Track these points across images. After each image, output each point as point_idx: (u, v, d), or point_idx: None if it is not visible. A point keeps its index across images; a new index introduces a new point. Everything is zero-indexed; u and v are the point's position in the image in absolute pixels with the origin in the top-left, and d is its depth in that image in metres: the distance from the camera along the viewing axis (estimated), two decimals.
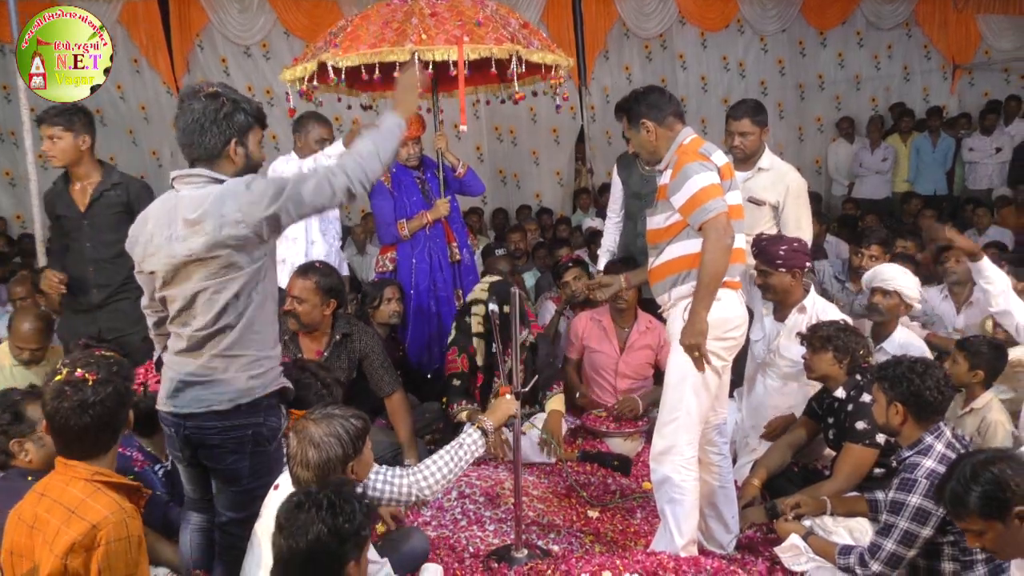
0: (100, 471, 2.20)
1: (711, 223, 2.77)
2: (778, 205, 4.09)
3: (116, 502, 2.14)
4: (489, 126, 8.60)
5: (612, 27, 8.56)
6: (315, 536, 1.90)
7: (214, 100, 2.40)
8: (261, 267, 2.42)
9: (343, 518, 1.93)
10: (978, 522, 2.14)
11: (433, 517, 3.53)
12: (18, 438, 2.56)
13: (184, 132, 2.42)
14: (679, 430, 2.93)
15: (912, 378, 2.69)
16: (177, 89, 7.70)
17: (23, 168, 5.84)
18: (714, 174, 2.83)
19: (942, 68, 9.34)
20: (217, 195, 2.34)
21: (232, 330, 2.39)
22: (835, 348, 3.32)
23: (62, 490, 2.16)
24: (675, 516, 2.96)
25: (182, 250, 2.34)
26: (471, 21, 4.04)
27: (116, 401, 2.21)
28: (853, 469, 3.25)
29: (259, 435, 2.46)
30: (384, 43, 3.86)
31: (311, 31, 7.70)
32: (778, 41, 9.00)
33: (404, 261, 4.71)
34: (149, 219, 2.47)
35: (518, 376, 3.12)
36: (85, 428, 2.16)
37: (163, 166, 7.83)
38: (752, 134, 4.07)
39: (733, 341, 2.96)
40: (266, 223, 2.34)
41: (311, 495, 1.98)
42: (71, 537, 2.05)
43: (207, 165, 2.42)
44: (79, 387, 2.16)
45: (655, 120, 2.96)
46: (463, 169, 4.73)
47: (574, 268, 4.97)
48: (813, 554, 2.89)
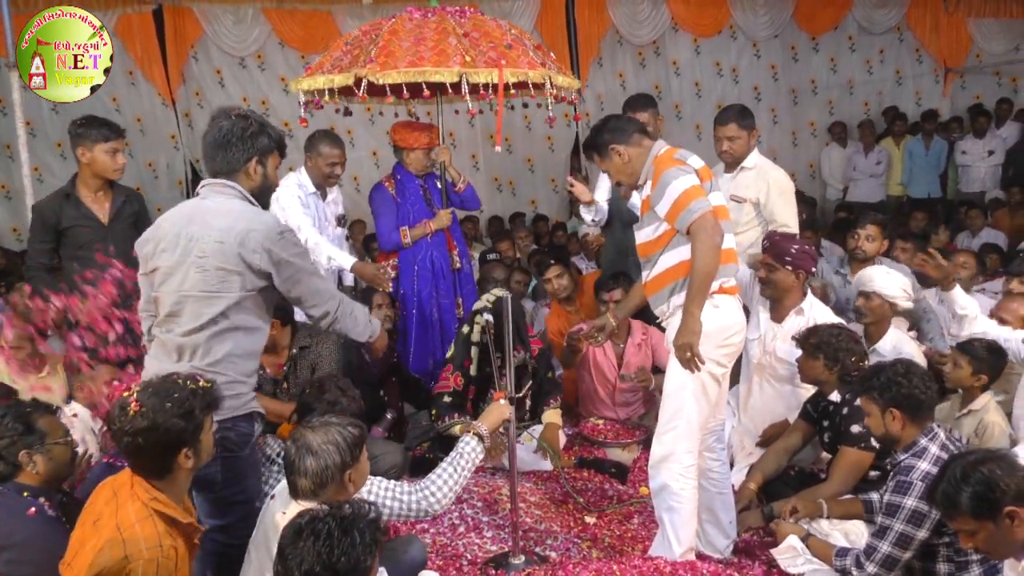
0: (158, 498, 2.17)
1: (698, 223, 2.78)
2: (758, 202, 4.13)
3: (158, 536, 2.10)
4: (484, 134, 8.63)
5: (605, 34, 8.59)
6: (308, 569, 1.85)
7: (243, 120, 2.59)
8: (251, 299, 2.52)
9: (339, 551, 1.86)
10: (970, 522, 2.16)
11: (431, 524, 3.54)
12: (27, 450, 2.55)
13: (210, 146, 2.58)
14: (678, 438, 2.94)
15: (900, 381, 2.69)
16: (172, 101, 7.72)
17: (19, 182, 5.87)
18: (693, 176, 2.85)
19: (934, 72, 9.38)
20: (253, 215, 2.52)
21: (213, 347, 2.48)
22: (825, 356, 3.34)
23: (124, 503, 2.16)
24: (673, 524, 2.97)
25: (194, 247, 2.46)
26: (501, 44, 4.04)
27: (158, 429, 2.15)
28: (849, 472, 3.25)
29: (227, 440, 2.48)
30: (425, 62, 3.85)
31: (306, 42, 7.74)
32: (771, 47, 9.03)
33: (406, 268, 4.72)
34: (167, 220, 2.60)
35: (511, 381, 3.14)
36: (135, 449, 2.16)
37: (158, 177, 7.86)
38: (739, 138, 4.13)
39: (733, 348, 2.97)
40: (263, 276, 2.50)
41: (312, 522, 1.91)
42: (104, 560, 2.04)
43: (226, 178, 2.57)
44: (124, 409, 2.17)
45: (622, 142, 3.01)
46: (463, 184, 4.76)
47: (556, 266, 4.98)
48: (810, 556, 2.89)
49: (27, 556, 2.34)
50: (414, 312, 4.71)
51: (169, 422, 2.15)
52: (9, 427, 2.54)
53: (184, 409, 2.18)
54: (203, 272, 2.45)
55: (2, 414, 2.59)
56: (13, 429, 2.55)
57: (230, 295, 2.47)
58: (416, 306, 4.70)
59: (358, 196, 8.34)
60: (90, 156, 3.81)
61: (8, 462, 2.54)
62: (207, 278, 2.45)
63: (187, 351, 2.48)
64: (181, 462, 2.21)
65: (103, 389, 3.52)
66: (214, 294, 2.46)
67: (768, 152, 8.04)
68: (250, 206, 2.57)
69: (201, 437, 2.24)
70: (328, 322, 2.69)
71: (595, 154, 3.12)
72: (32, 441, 2.56)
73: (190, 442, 2.21)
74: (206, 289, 2.46)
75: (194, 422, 2.20)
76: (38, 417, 2.63)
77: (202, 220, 2.49)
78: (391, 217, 4.66)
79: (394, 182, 4.70)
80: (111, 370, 3.55)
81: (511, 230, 7.97)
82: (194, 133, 7.90)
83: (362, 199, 8.29)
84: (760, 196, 4.14)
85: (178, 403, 2.18)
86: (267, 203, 2.70)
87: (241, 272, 2.46)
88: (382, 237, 4.72)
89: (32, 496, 2.52)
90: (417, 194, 4.71)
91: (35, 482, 2.57)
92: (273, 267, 2.48)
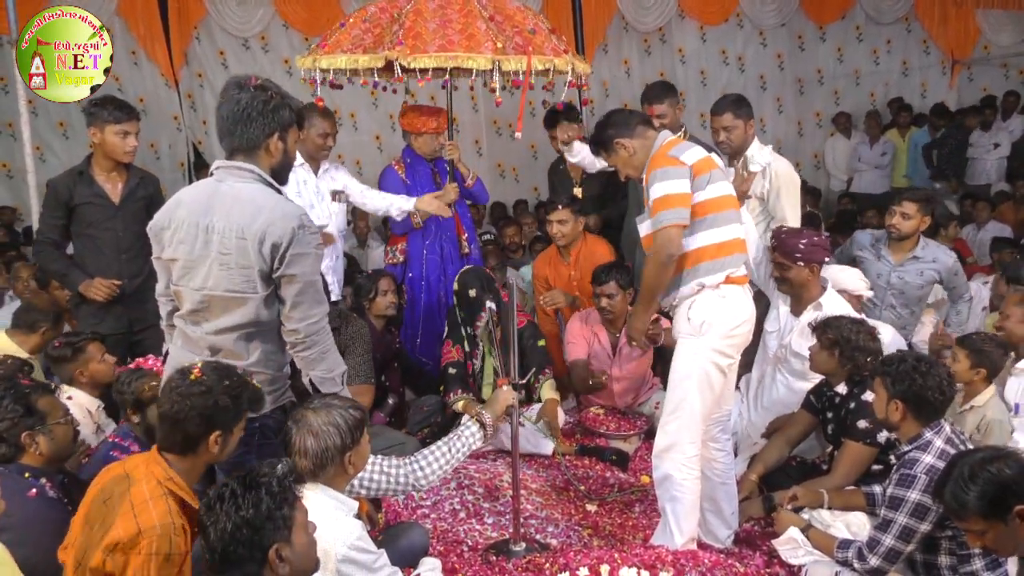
0: (173, 479, 2.20)
1: (659, 234, 2.80)
2: (764, 196, 4.09)
3: (170, 514, 2.11)
4: (488, 120, 8.59)
5: (611, 21, 8.52)
6: (224, 531, 1.87)
7: (263, 92, 2.39)
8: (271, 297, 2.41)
9: (247, 505, 1.88)
10: (980, 523, 2.14)
11: (432, 509, 3.54)
12: (29, 431, 2.54)
13: (227, 120, 2.38)
14: (682, 428, 2.93)
15: (915, 377, 2.68)
16: (176, 82, 7.68)
17: (21, 160, 5.84)
18: (680, 181, 2.81)
19: (941, 63, 9.33)
20: (273, 205, 2.34)
21: (249, 348, 2.42)
22: (841, 352, 3.30)
23: (139, 480, 2.17)
24: (675, 514, 2.97)
25: (215, 241, 2.34)
26: (524, 28, 4.00)
27: (210, 399, 2.19)
28: (852, 466, 3.24)
29: (266, 427, 2.46)
30: (455, 47, 3.79)
31: (310, 23, 7.68)
32: (777, 35, 8.97)
33: (415, 252, 4.71)
34: (183, 204, 2.44)
35: (515, 367, 3.13)
36: (177, 415, 2.19)
37: (160, 158, 7.81)
38: (735, 128, 4.07)
39: (740, 338, 2.96)
40: (266, 277, 2.36)
41: (219, 489, 1.94)
42: (117, 535, 2.04)
43: (245, 156, 2.41)
44: (185, 373, 2.22)
45: (626, 136, 3.01)
46: (472, 180, 4.76)
47: (564, 210, 4.72)
48: (811, 547, 2.89)
49: (26, 538, 2.33)
50: (422, 296, 4.72)
51: (221, 397, 2.20)
52: (9, 409, 2.53)
53: (236, 392, 2.24)
54: (227, 270, 2.34)
55: (0, 396, 2.57)
56: (13, 411, 2.53)
57: (256, 294, 2.36)
58: (424, 291, 4.71)
59: (361, 180, 8.29)
60: (101, 137, 3.79)
61: (10, 444, 2.52)
62: (231, 276, 2.34)
63: (222, 352, 2.41)
64: (210, 445, 2.24)
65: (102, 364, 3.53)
66: (239, 294, 2.36)
67: (773, 142, 8.03)
68: (269, 192, 2.40)
69: (234, 429, 2.28)
70: (300, 341, 2.40)
71: (601, 151, 3.13)
72: (33, 422, 2.55)
73: (227, 426, 2.25)
74: (231, 288, 2.35)
75: (239, 407, 2.26)
76: (37, 398, 2.61)
77: (222, 210, 2.34)
78: None
79: (404, 165, 4.71)
80: (97, 345, 3.56)
81: (516, 216, 7.94)
82: (196, 115, 7.87)
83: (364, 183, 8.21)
84: (764, 191, 4.09)
85: (235, 385, 2.24)
86: (285, 179, 2.53)
87: (262, 269, 2.35)
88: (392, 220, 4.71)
89: (34, 477, 2.52)
90: (427, 176, 4.71)
91: (38, 463, 2.56)
92: (279, 261, 2.32)
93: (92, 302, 3.88)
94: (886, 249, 4.42)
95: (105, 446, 3.04)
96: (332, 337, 2.49)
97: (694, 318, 2.90)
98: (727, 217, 2.92)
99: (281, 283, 2.37)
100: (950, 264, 4.38)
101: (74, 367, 3.51)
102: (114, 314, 3.92)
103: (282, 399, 2.53)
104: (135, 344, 3.91)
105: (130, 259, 3.89)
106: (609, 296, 4.29)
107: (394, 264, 4.79)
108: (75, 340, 3.55)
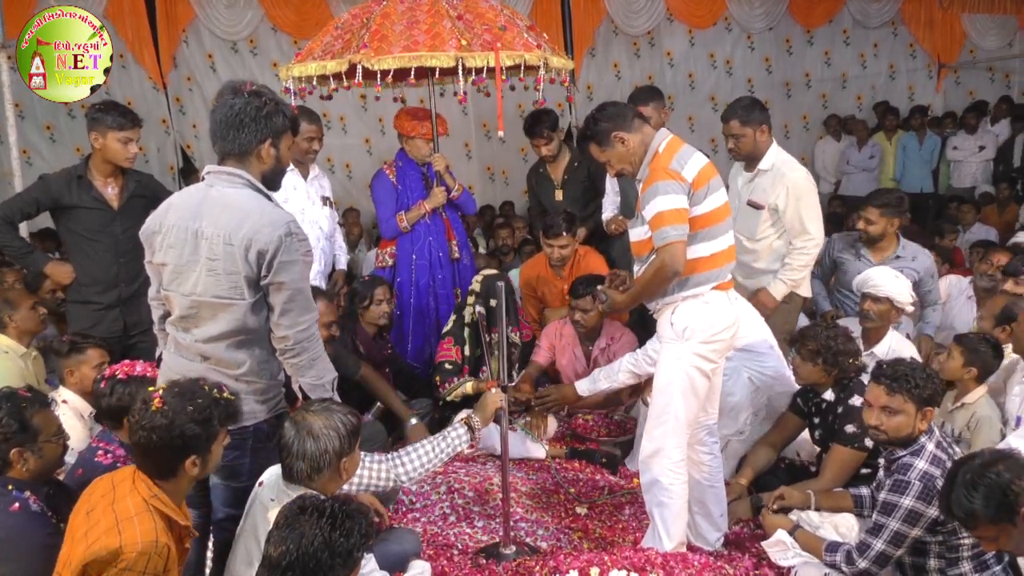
0: (159, 496, 2.16)
1: (664, 250, 2.76)
2: (778, 207, 4.01)
3: (155, 532, 2.07)
4: (477, 123, 8.59)
5: (600, 24, 8.53)
6: (308, 543, 1.87)
7: (257, 98, 2.40)
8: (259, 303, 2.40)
9: (340, 532, 1.89)
10: (991, 529, 2.15)
11: (422, 513, 3.54)
12: (19, 448, 2.49)
13: (220, 125, 2.39)
14: (667, 434, 2.94)
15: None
16: (164, 86, 7.65)
17: (7, 164, 5.81)
18: (678, 197, 2.77)
19: (928, 67, 9.39)
20: (261, 211, 2.34)
21: (238, 356, 2.41)
22: (824, 361, 3.32)
23: (124, 496, 2.13)
24: (664, 519, 2.98)
25: (203, 246, 2.34)
26: (495, 25, 3.99)
27: (174, 430, 2.13)
28: (840, 470, 3.27)
29: (259, 431, 2.46)
30: (420, 46, 3.79)
31: (299, 27, 7.66)
32: (765, 39, 9.00)
33: (404, 256, 4.71)
34: (172, 209, 2.45)
35: (504, 370, 3.14)
36: (147, 445, 2.14)
37: (149, 162, 7.77)
38: (743, 135, 4.00)
39: (722, 343, 2.96)
40: (253, 283, 2.36)
41: (316, 501, 1.95)
42: (96, 550, 2.01)
43: (236, 161, 2.41)
44: (146, 404, 2.15)
45: (624, 128, 2.90)
46: (458, 192, 4.77)
47: (566, 237, 4.69)
48: (800, 549, 2.91)
49: (8, 553, 2.28)
50: (411, 301, 4.71)
51: (186, 425, 2.13)
52: (3, 423, 2.47)
53: (203, 416, 2.17)
54: (215, 276, 2.34)
55: None
56: (7, 426, 2.47)
57: (243, 300, 2.36)
58: (413, 295, 4.70)
59: (350, 184, 8.30)
60: (102, 142, 3.78)
61: None
62: (219, 282, 2.34)
63: (212, 359, 2.41)
64: (187, 468, 2.20)
65: (93, 373, 3.49)
66: (227, 300, 2.35)
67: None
68: (258, 197, 2.39)
69: (212, 448, 2.24)
70: (289, 348, 2.39)
71: (593, 144, 2.98)
72: (25, 439, 2.48)
73: (201, 450, 2.19)
74: (219, 294, 2.35)
75: (209, 431, 2.19)
76: (33, 413, 2.54)
77: (211, 216, 2.34)
78: (391, 204, 4.67)
79: (395, 168, 4.73)
80: (101, 353, 3.52)
81: (509, 219, 7.94)
82: (185, 118, 7.84)
83: (354, 186, 8.27)
84: (779, 201, 3.99)
85: (199, 409, 2.17)
86: (278, 185, 2.53)
87: (249, 275, 2.35)
88: (383, 224, 4.73)
89: (17, 490, 2.44)
90: (417, 180, 4.71)
91: (23, 477, 2.49)
92: (266, 268, 2.33)
93: (85, 304, 3.85)
94: (866, 250, 4.46)
95: (89, 450, 3.01)
96: (322, 343, 2.49)
97: (677, 323, 2.90)
98: (721, 228, 2.91)
99: (269, 290, 2.36)
100: (928, 264, 4.46)
101: (65, 364, 3.47)
102: (109, 318, 3.91)
103: (278, 408, 2.53)
104: (129, 348, 3.89)
105: (127, 263, 3.87)
106: (584, 311, 4.29)
107: (383, 267, 4.78)
108: (80, 341, 3.52)
